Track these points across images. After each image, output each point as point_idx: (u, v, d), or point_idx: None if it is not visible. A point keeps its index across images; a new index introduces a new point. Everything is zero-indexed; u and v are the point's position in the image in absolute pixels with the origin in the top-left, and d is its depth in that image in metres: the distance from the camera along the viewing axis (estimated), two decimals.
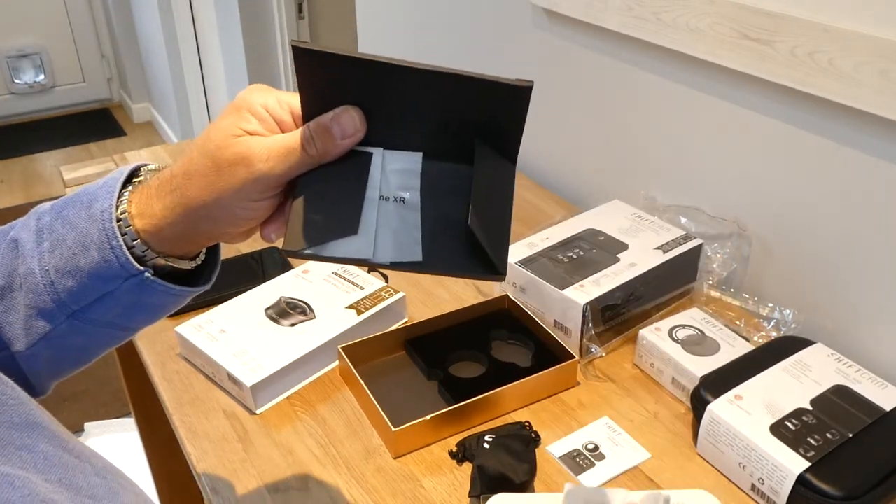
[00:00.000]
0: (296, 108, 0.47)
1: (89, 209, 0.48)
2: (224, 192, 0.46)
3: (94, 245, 0.47)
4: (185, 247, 0.50)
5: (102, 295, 0.48)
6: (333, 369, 0.83)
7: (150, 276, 0.48)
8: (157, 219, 0.48)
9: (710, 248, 0.92)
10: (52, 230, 0.49)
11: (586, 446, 0.72)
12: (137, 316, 0.52)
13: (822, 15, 0.76)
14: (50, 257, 0.48)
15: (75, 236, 0.48)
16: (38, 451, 0.38)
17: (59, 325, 0.49)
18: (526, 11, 1.19)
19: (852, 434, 0.67)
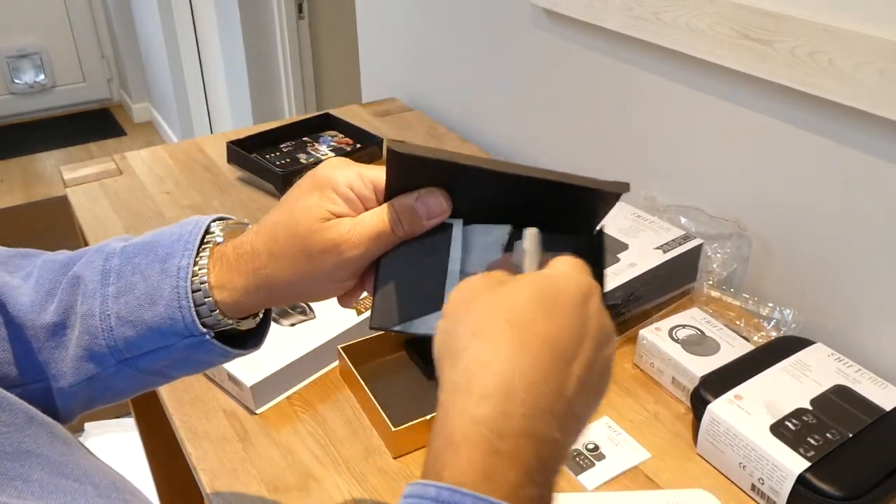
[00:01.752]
0: (378, 183, 0.47)
1: (164, 263, 0.48)
2: (314, 276, 0.46)
3: (164, 301, 0.47)
4: (255, 311, 0.51)
5: (158, 348, 0.48)
6: (333, 369, 0.83)
7: (210, 339, 0.48)
8: (238, 294, 0.48)
9: (710, 248, 0.92)
10: (121, 275, 0.49)
11: (586, 446, 0.72)
12: (184, 369, 0.52)
13: (822, 15, 0.76)
14: (114, 303, 0.48)
15: (145, 288, 0.48)
16: (32, 481, 0.37)
17: (107, 369, 0.49)
18: (526, 11, 1.19)
19: (852, 434, 0.67)
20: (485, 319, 0.38)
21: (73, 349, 0.49)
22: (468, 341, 0.37)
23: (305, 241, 0.45)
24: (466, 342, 0.37)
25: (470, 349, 0.37)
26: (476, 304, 0.39)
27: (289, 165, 1.22)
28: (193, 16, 2.88)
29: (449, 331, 0.39)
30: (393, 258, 0.47)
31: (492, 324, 0.37)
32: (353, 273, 0.47)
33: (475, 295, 0.39)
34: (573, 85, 1.14)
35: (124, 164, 1.28)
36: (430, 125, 1.44)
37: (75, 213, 1.14)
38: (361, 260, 0.46)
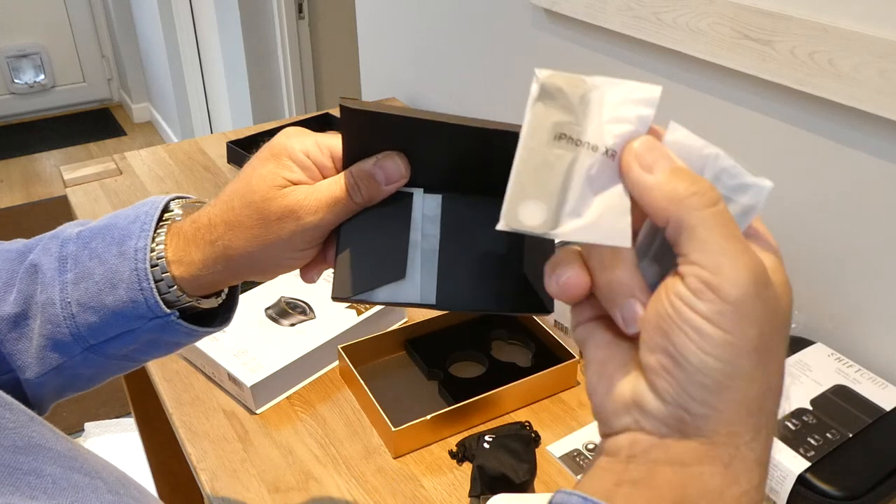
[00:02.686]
0: (335, 151, 0.46)
1: (121, 245, 0.47)
2: (271, 244, 0.45)
3: (124, 284, 0.46)
4: (216, 288, 0.50)
5: (123, 332, 0.48)
6: (333, 369, 0.83)
7: (175, 319, 0.48)
8: (196, 267, 0.47)
9: None
10: (78, 261, 0.48)
11: (586, 446, 0.72)
12: (153, 352, 0.52)
13: (821, 15, 0.76)
14: (73, 290, 0.47)
15: (103, 272, 0.47)
16: (45, 475, 0.37)
17: (73, 357, 0.48)
18: (526, 11, 1.19)
19: (852, 434, 0.67)
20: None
21: (37, 339, 0.48)
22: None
23: (261, 208, 0.44)
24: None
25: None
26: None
27: None
28: (193, 16, 2.88)
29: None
30: (353, 226, 0.46)
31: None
32: (311, 241, 0.45)
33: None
34: None
35: (124, 164, 1.28)
36: None
37: (75, 212, 1.14)
38: (319, 227, 0.44)
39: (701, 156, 0.32)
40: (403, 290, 0.45)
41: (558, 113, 0.32)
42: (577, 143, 0.32)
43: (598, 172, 0.32)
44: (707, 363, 0.29)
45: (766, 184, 0.31)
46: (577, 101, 0.33)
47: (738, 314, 0.28)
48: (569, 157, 0.32)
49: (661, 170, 0.31)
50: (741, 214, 0.31)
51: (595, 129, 0.32)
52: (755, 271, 0.29)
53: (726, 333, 0.28)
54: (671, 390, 0.30)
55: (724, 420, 0.30)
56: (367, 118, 0.43)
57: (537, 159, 0.32)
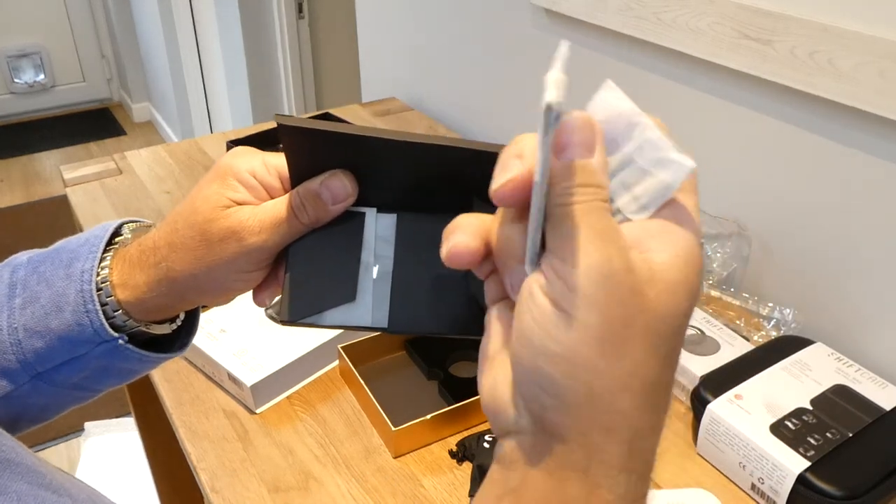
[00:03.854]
0: (283, 171, 0.44)
1: (68, 268, 0.46)
2: (214, 266, 0.43)
3: (70, 307, 0.45)
4: (167, 313, 0.48)
5: (71, 358, 0.46)
6: (333, 369, 0.83)
7: (124, 343, 0.46)
8: (140, 291, 0.45)
9: (710, 248, 0.92)
10: (26, 286, 0.46)
11: None
12: (106, 380, 0.50)
13: (822, 15, 0.76)
14: (20, 315, 0.46)
15: (50, 295, 0.46)
16: (10, 492, 0.36)
17: (21, 385, 0.47)
18: (526, 11, 1.19)
19: (852, 434, 0.67)
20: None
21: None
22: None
23: (204, 229, 0.43)
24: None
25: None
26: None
27: None
28: (193, 16, 2.88)
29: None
30: (301, 247, 0.44)
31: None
32: (256, 263, 0.44)
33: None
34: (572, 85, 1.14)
35: (124, 164, 1.28)
36: (430, 125, 1.44)
37: (75, 212, 1.14)
38: (263, 249, 0.43)
39: (629, 122, 0.30)
40: (354, 313, 0.43)
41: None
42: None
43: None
44: (548, 347, 0.27)
45: (688, 163, 0.28)
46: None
47: (580, 299, 0.27)
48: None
49: (565, 155, 0.29)
50: (658, 190, 0.29)
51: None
52: (607, 258, 0.27)
53: (566, 315, 0.27)
54: (521, 383, 0.29)
55: (572, 416, 0.28)
56: (307, 136, 0.41)
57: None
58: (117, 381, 0.51)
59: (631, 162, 0.29)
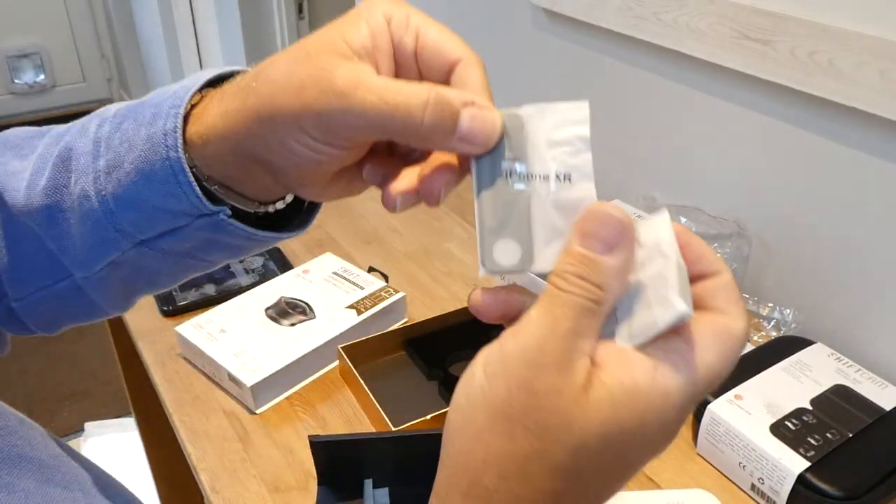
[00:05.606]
0: (426, 39, 0.36)
1: (150, 127, 0.38)
2: (282, 111, 0.33)
3: (157, 175, 0.37)
4: (241, 179, 0.39)
5: (173, 229, 0.39)
6: (333, 369, 0.83)
7: (227, 218, 0.39)
8: (206, 127, 0.37)
9: None
10: (110, 145, 0.39)
11: None
12: (217, 252, 0.42)
13: (822, 15, 0.76)
14: (107, 180, 0.38)
15: (133, 160, 0.38)
16: (18, 491, 0.35)
17: (126, 252, 0.40)
18: (526, 11, 1.19)
19: (852, 434, 0.67)
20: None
21: (80, 236, 0.40)
22: None
23: (313, 62, 0.33)
24: None
25: None
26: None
27: None
28: (193, 16, 2.88)
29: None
30: None
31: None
32: (329, 132, 0.33)
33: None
34: (573, 85, 1.14)
35: None
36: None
37: None
38: (362, 117, 0.32)
39: (660, 251, 0.30)
40: None
41: (505, 152, 0.33)
42: (529, 176, 0.32)
43: (557, 200, 0.32)
44: (458, 399, 0.30)
45: (682, 308, 0.27)
46: (516, 135, 0.33)
47: (502, 367, 0.28)
48: (525, 192, 0.32)
49: (582, 244, 0.29)
50: (646, 324, 0.28)
51: (540, 159, 0.33)
52: (544, 349, 0.27)
53: (484, 377, 0.29)
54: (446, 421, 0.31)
55: (445, 466, 0.30)
56: (329, 446, 0.64)
57: (496, 201, 0.32)
58: (231, 254, 0.44)
59: (643, 290, 0.29)
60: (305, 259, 0.97)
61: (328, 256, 0.96)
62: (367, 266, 0.97)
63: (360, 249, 1.04)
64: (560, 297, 0.28)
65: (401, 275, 0.98)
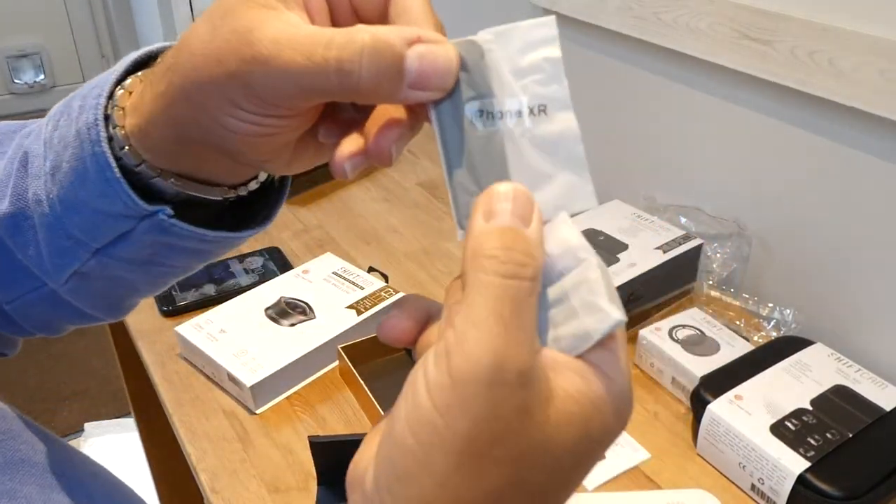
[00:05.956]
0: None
1: (77, 122, 0.34)
2: (205, 87, 0.29)
3: (90, 175, 0.34)
4: (199, 166, 0.35)
5: (121, 234, 0.36)
6: (333, 369, 0.83)
7: (168, 218, 0.34)
8: (143, 116, 0.33)
9: (710, 248, 0.92)
10: (51, 144, 0.36)
11: None
12: (180, 257, 0.39)
13: (821, 15, 0.76)
14: (52, 183, 0.35)
15: (69, 159, 0.34)
16: (20, 497, 0.35)
17: (86, 261, 0.37)
18: (526, 11, 1.19)
19: (852, 434, 0.67)
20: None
21: (43, 243, 0.37)
22: None
23: (222, 21, 0.29)
24: None
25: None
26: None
27: None
28: (193, 16, 2.88)
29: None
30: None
31: None
32: (252, 99, 0.29)
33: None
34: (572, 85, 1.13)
35: None
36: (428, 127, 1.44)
37: None
38: (283, 78, 0.27)
39: (575, 256, 0.26)
40: None
41: (465, 90, 0.28)
42: (498, 114, 0.28)
43: (534, 137, 0.28)
44: (405, 439, 0.24)
45: (616, 315, 0.25)
46: (476, 68, 0.29)
47: (456, 398, 0.23)
48: (497, 134, 0.28)
49: (496, 221, 0.25)
50: (578, 335, 0.26)
51: (508, 92, 0.28)
52: (503, 361, 0.23)
53: (435, 411, 0.23)
54: (378, 462, 0.25)
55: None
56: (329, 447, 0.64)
57: (465, 150, 0.28)
58: (196, 258, 0.40)
59: (565, 299, 0.26)
60: (305, 259, 0.97)
61: (328, 256, 0.96)
62: (367, 266, 0.97)
63: (360, 249, 1.04)
64: (494, 284, 0.24)
65: (401, 275, 0.98)
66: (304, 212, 1.14)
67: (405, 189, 1.21)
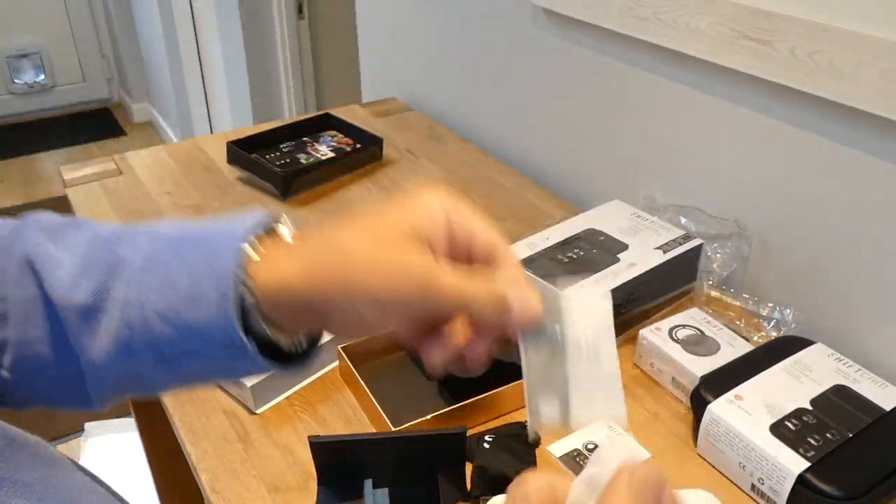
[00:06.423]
0: (475, 229, 0.43)
1: (210, 261, 0.42)
2: (364, 289, 0.40)
3: (206, 303, 0.41)
4: (294, 320, 0.44)
5: (199, 353, 0.43)
6: (333, 369, 0.83)
7: (254, 352, 0.42)
8: (280, 281, 0.41)
9: (710, 248, 0.92)
10: (167, 265, 0.43)
11: (586, 446, 0.72)
12: (219, 376, 0.48)
13: (822, 15, 0.76)
14: (156, 297, 0.42)
15: (189, 286, 0.42)
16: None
17: (144, 365, 0.44)
18: (526, 11, 1.19)
19: (852, 434, 0.67)
20: None
21: (107, 337, 0.43)
22: None
23: (413, 266, 0.40)
24: None
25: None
26: None
27: (289, 166, 1.22)
28: (193, 16, 2.88)
29: None
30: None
31: None
32: (414, 316, 0.41)
33: None
34: (573, 85, 1.14)
35: (124, 165, 1.28)
36: (430, 125, 1.44)
37: (75, 213, 1.14)
38: (440, 307, 0.40)
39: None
40: None
41: (546, 322, 0.41)
42: (564, 339, 0.41)
43: (585, 364, 0.41)
44: None
45: None
46: (552, 305, 0.41)
47: None
48: (562, 354, 0.41)
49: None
50: None
51: (573, 328, 0.42)
52: None
53: None
54: None
55: None
56: (329, 447, 0.65)
57: (539, 362, 0.41)
58: (226, 377, 0.49)
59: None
60: None
61: None
62: None
63: None
64: None
65: None
66: (304, 212, 1.14)
67: (405, 189, 1.21)
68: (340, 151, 1.28)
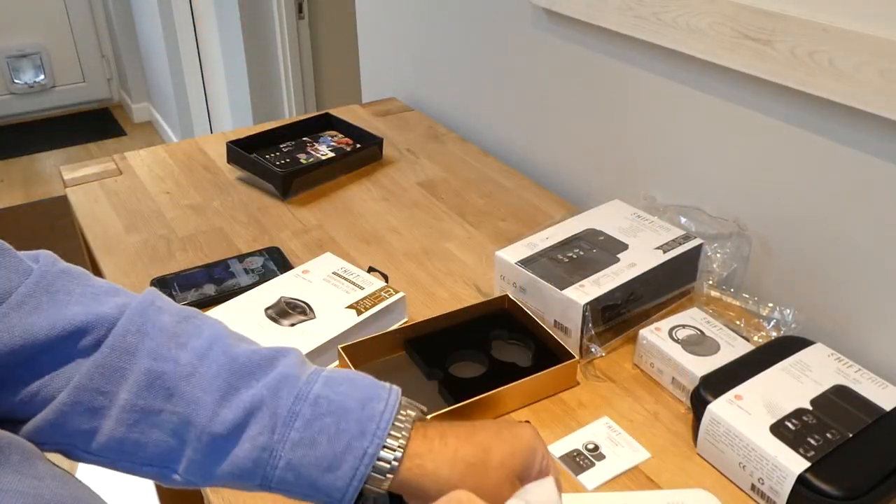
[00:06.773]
0: (548, 469, 0.52)
1: (353, 440, 0.47)
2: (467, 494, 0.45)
3: (338, 473, 0.47)
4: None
5: (302, 494, 0.48)
6: None
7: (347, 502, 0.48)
8: (422, 465, 0.48)
9: (710, 248, 0.92)
10: (309, 426, 0.47)
11: (586, 446, 0.72)
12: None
13: (821, 15, 0.76)
14: (291, 450, 0.47)
15: (329, 452, 0.47)
16: None
17: (248, 485, 0.48)
18: (526, 11, 1.19)
19: (852, 434, 0.67)
20: None
21: (229, 465, 0.47)
22: None
23: (493, 479, 0.49)
24: None
25: None
26: None
27: (289, 165, 1.22)
28: (193, 16, 2.88)
29: None
30: None
31: None
32: None
33: None
34: (573, 85, 1.14)
35: (124, 164, 1.28)
36: (430, 125, 1.44)
37: (75, 213, 1.14)
38: None
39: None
40: None
41: None
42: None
43: None
44: None
45: None
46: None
47: None
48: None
49: None
50: None
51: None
52: None
53: None
54: None
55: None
56: None
57: None
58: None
59: None
60: (305, 259, 0.97)
61: (328, 256, 0.96)
62: (367, 266, 0.97)
63: (360, 249, 1.04)
64: None
65: (401, 275, 0.98)
66: (304, 212, 1.14)
67: (405, 189, 1.21)
68: (340, 151, 1.28)
